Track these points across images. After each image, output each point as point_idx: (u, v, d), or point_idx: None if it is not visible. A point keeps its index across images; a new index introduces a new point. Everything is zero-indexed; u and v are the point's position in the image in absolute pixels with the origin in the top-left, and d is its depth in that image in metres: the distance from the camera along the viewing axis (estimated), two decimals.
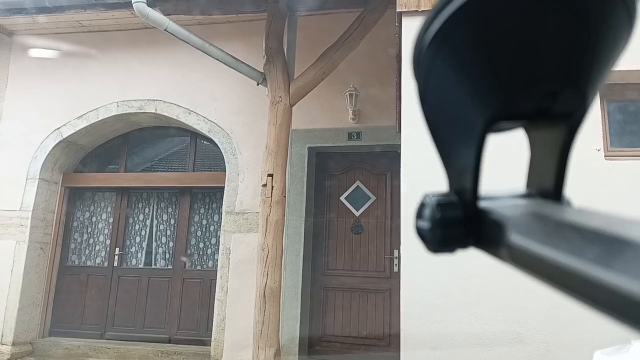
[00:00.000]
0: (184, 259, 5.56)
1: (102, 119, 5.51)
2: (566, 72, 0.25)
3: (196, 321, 5.34)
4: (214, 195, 5.65)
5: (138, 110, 5.46)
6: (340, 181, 5.12)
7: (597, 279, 0.18)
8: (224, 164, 5.26)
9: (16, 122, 5.64)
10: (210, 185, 5.58)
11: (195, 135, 5.76)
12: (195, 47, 3.45)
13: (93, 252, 5.82)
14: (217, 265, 5.35)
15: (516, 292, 2.80)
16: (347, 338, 4.79)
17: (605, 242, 0.19)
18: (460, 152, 0.28)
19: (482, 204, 0.28)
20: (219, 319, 4.84)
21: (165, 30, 3.29)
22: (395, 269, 4.68)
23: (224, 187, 5.19)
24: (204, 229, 5.66)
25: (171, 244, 5.69)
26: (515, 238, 0.24)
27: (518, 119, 0.28)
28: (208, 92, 5.32)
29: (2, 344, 5.10)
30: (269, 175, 3.29)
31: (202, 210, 5.72)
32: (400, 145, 4.73)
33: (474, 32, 0.25)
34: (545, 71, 0.25)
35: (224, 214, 5.06)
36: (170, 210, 5.79)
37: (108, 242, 5.80)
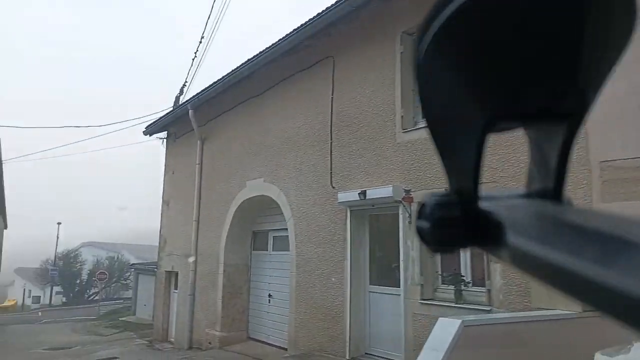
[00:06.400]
0: None
1: None
2: (566, 73, 0.25)
3: None
4: None
5: None
6: None
7: (597, 279, 0.18)
8: None
9: None
10: None
11: None
12: None
13: None
14: None
15: None
16: None
17: (605, 242, 0.19)
18: (460, 153, 0.28)
19: (482, 204, 0.28)
20: None
21: None
22: None
23: None
24: None
25: None
26: (515, 238, 0.24)
27: (518, 119, 0.28)
28: None
29: None
30: None
31: None
32: None
33: (473, 33, 0.25)
34: (545, 71, 0.25)
35: None
36: None
37: None
